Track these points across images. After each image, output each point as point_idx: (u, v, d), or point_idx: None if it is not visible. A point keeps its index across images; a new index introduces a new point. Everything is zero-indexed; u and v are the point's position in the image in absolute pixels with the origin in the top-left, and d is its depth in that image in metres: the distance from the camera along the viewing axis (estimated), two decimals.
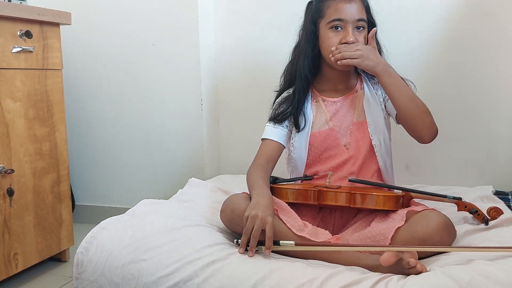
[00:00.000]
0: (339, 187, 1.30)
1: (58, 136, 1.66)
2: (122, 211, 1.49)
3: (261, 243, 1.13)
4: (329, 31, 1.35)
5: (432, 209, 1.22)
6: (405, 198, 1.28)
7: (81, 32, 2.00)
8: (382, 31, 1.43)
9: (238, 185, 1.70)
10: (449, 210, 1.29)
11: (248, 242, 1.13)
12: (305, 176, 1.40)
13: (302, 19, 1.44)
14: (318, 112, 1.41)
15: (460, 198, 1.29)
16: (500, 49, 1.68)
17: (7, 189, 1.46)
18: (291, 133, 1.44)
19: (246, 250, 1.14)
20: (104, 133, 2.08)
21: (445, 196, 1.28)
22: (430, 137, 1.34)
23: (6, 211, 1.46)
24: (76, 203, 2.15)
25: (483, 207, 1.40)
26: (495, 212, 1.28)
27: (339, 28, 1.34)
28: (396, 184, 1.43)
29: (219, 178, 1.85)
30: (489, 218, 1.27)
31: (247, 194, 1.29)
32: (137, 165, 2.06)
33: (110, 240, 1.21)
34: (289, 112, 1.41)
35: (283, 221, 1.19)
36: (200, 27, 1.89)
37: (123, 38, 1.99)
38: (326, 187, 1.30)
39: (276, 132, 1.42)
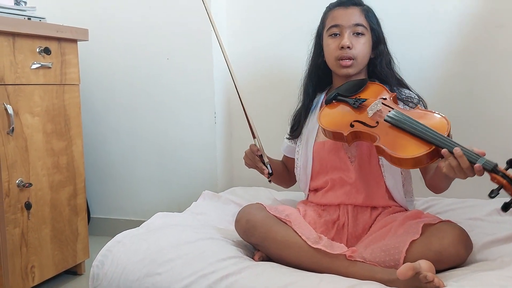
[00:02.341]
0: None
1: (75, 150, 1.68)
2: (136, 223, 1.51)
3: None
4: (329, 38, 1.38)
5: (448, 221, 1.21)
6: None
7: (97, 48, 2.04)
8: (393, 40, 1.44)
9: (251, 197, 1.71)
10: (465, 224, 1.28)
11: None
12: None
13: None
14: None
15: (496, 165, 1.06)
16: None
17: (25, 203, 1.49)
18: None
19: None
20: (119, 147, 2.11)
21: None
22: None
23: (24, 224, 1.49)
24: (91, 216, 2.17)
25: (500, 221, 1.39)
26: None
27: (337, 35, 1.36)
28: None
29: (232, 191, 1.86)
30: None
31: (262, 204, 1.30)
32: (151, 178, 2.08)
33: (125, 253, 1.22)
34: (297, 128, 1.47)
35: (298, 234, 1.20)
36: (213, 41, 1.91)
37: (138, 53, 2.02)
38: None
39: (288, 148, 1.53)
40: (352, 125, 1.25)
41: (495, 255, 1.17)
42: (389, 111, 1.21)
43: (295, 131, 1.48)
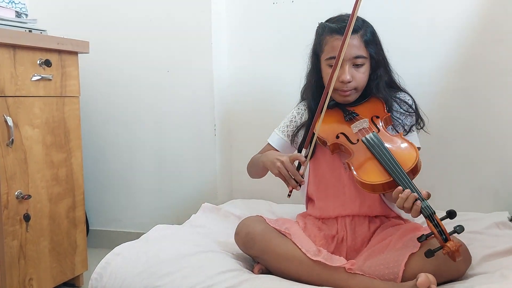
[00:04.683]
0: None
1: (74, 162, 1.68)
2: (135, 235, 1.50)
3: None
4: (327, 67, 1.36)
5: None
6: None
7: (98, 60, 2.04)
8: (392, 54, 1.44)
9: (250, 210, 1.71)
10: (465, 237, 1.28)
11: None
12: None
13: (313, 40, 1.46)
14: None
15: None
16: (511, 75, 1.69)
17: (24, 215, 1.48)
18: (291, 144, 1.49)
19: None
20: (118, 158, 2.11)
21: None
22: None
23: (22, 237, 1.48)
24: (90, 228, 2.16)
25: (500, 234, 1.39)
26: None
27: None
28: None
29: (232, 203, 1.86)
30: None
31: (262, 217, 1.30)
32: (151, 190, 2.08)
33: (124, 266, 1.22)
34: (297, 128, 1.48)
35: (297, 246, 1.20)
36: (213, 54, 1.92)
37: (138, 65, 2.03)
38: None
39: (278, 142, 1.52)
40: (337, 137, 1.32)
41: (495, 268, 1.16)
42: (370, 133, 1.27)
43: (293, 128, 1.48)
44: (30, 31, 1.55)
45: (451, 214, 1.07)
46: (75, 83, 1.69)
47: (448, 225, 1.07)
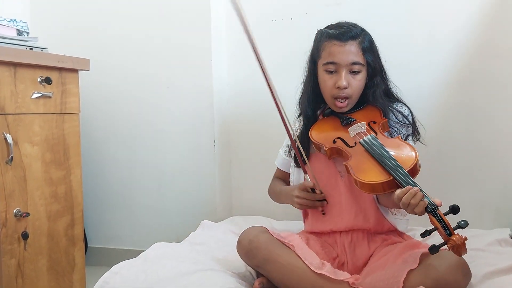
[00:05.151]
0: None
1: (73, 179, 1.68)
2: (134, 253, 1.49)
3: None
4: (325, 73, 1.37)
5: (446, 249, 1.20)
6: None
7: (98, 77, 2.05)
8: (391, 69, 1.45)
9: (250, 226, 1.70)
10: (467, 254, 1.27)
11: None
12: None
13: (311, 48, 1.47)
14: None
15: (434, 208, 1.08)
16: (511, 89, 1.69)
17: (22, 233, 1.47)
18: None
19: None
20: (118, 175, 2.11)
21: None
22: None
23: (20, 255, 1.47)
24: (88, 245, 2.15)
25: (501, 251, 1.38)
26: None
27: (333, 71, 1.35)
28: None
29: (232, 220, 1.85)
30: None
31: (265, 227, 1.30)
32: (150, 206, 2.07)
33: (122, 285, 1.20)
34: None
35: (301, 258, 1.19)
36: (213, 71, 1.93)
37: (138, 82, 2.04)
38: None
39: (283, 162, 1.55)
40: (334, 141, 1.33)
41: (497, 286, 1.15)
42: (368, 135, 1.28)
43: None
44: (31, 49, 1.56)
45: (454, 209, 1.06)
46: (75, 100, 1.69)
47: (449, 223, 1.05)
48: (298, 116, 1.53)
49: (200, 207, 1.99)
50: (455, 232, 1.04)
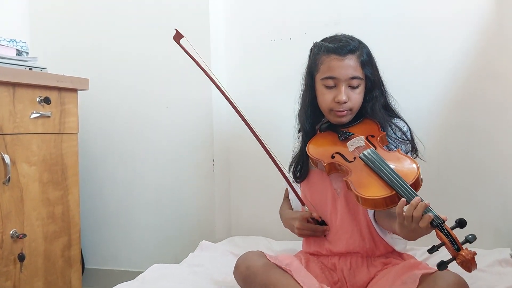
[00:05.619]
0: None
1: (71, 199, 1.67)
2: (132, 274, 1.48)
3: None
4: (323, 87, 1.35)
5: (446, 270, 1.18)
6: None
7: (97, 96, 2.05)
8: (389, 89, 1.44)
9: (249, 247, 1.68)
10: (467, 274, 1.25)
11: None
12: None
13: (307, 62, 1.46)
14: None
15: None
16: (509, 110, 1.70)
17: (19, 254, 1.46)
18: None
19: None
20: (116, 195, 2.09)
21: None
22: None
23: (16, 277, 1.45)
24: (85, 266, 2.12)
25: (502, 272, 1.37)
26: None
27: (332, 86, 1.33)
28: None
29: (231, 241, 1.83)
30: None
31: (262, 252, 1.29)
32: (148, 227, 2.05)
33: None
34: (302, 168, 1.43)
35: (299, 283, 1.17)
36: (212, 90, 1.94)
37: (137, 101, 2.04)
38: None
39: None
40: (333, 156, 1.30)
41: None
42: (368, 149, 1.25)
43: (301, 171, 1.43)
44: (30, 69, 1.56)
45: (461, 223, 1.01)
46: (74, 120, 1.69)
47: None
48: (298, 132, 1.51)
49: (198, 227, 1.97)
50: (463, 246, 1.00)
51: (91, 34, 2.09)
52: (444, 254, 1.03)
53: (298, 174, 1.43)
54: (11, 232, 1.43)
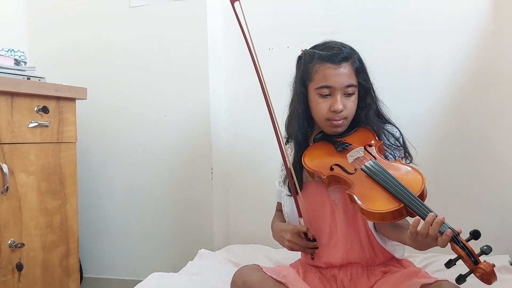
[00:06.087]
0: None
1: (69, 209, 1.67)
2: (130, 283, 1.47)
3: None
4: (318, 96, 1.32)
5: (445, 280, 1.18)
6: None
7: (95, 105, 2.05)
8: (387, 96, 1.43)
9: (247, 255, 1.69)
10: (467, 281, 1.25)
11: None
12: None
13: (294, 73, 1.44)
14: None
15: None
16: (506, 118, 1.71)
17: (17, 264, 1.45)
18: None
19: None
20: (114, 203, 2.09)
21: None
22: None
23: (14, 287, 1.44)
24: (84, 275, 2.11)
25: (501, 279, 1.36)
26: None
27: (327, 95, 1.31)
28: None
29: (229, 249, 1.83)
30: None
31: (258, 265, 1.27)
32: (146, 236, 2.05)
33: None
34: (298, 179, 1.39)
35: None
36: (210, 99, 1.94)
37: (135, 110, 2.04)
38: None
39: (278, 192, 1.49)
40: (332, 169, 1.25)
41: None
42: (369, 160, 1.22)
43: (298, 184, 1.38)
44: (28, 78, 1.57)
45: (475, 235, 0.98)
46: (72, 129, 1.69)
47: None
48: (287, 142, 1.46)
49: (197, 235, 1.97)
50: (481, 259, 0.97)
51: (89, 43, 2.10)
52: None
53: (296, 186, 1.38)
54: (9, 242, 1.43)
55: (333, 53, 1.31)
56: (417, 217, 1.05)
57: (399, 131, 1.38)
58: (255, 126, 2.00)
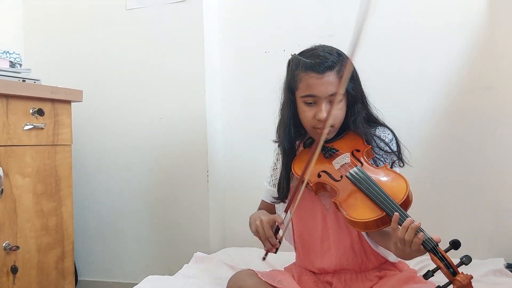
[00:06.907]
0: None
1: (64, 211, 1.66)
2: (125, 286, 1.47)
3: None
4: (303, 104, 1.30)
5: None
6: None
7: (91, 107, 2.05)
8: (382, 100, 1.42)
9: (243, 258, 1.68)
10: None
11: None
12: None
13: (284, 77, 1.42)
14: None
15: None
16: (502, 122, 1.71)
17: (11, 267, 1.44)
18: None
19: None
20: (109, 206, 2.08)
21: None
22: None
23: None
24: (79, 278, 2.10)
25: (496, 282, 1.37)
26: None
27: (312, 103, 1.29)
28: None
29: (225, 252, 1.83)
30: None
31: (253, 270, 1.27)
32: (142, 238, 2.04)
33: None
34: (285, 187, 1.38)
35: None
36: (207, 102, 1.94)
37: (131, 113, 2.04)
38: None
39: (266, 192, 1.48)
40: (319, 175, 1.24)
41: None
42: (353, 167, 1.21)
43: (285, 191, 1.37)
44: (23, 80, 1.56)
45: (455, 244, 0.98)
46: (67, 132, 1.69)
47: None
48: (279, 145, 1.44)
49: (193, 238, 1.97)
50: (459, 270, 0.98)
51: (85, 46, 2.10)
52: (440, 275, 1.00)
53: (283, 192, 1.37)
54: (4, 244, 1.42)
55: (317, 62, 1.27)
56: (395, 218, 1.05)
57: (392, 134, 1.36)
58: (251, 129, 2.00)
